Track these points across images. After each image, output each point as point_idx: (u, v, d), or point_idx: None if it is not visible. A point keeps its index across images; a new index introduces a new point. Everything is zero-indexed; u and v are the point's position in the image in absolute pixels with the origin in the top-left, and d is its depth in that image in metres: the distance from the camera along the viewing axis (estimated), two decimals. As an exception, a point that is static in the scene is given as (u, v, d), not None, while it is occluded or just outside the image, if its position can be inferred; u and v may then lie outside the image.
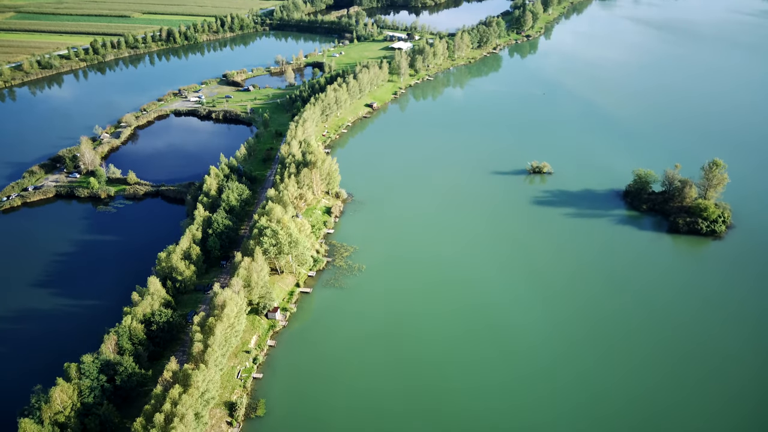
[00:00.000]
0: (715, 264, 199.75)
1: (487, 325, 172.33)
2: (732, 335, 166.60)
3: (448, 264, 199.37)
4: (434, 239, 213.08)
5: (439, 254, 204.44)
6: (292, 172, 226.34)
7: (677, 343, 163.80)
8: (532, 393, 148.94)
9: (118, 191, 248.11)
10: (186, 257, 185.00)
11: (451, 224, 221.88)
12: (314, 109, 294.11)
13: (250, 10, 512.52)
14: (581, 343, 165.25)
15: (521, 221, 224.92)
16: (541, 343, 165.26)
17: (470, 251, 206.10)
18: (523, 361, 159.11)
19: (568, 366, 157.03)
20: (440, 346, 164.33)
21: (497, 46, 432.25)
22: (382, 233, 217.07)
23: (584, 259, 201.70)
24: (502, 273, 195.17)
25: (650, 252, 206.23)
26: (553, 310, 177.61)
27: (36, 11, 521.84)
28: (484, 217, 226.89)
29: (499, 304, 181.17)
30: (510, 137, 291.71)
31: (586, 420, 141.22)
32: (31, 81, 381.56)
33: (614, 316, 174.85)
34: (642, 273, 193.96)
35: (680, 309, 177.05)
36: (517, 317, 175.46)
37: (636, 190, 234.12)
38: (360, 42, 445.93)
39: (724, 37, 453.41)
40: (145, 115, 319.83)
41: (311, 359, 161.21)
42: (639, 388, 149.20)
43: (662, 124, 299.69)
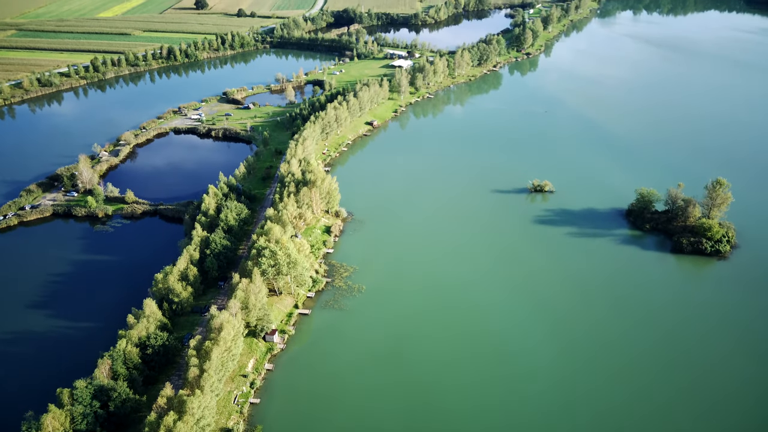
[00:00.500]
0: (720, 285, 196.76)
1: (488, 347, 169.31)
2: (740, 357, 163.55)
3: (449, 284, 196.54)
4: (435, 259, 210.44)
5: (440, 275, 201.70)
6: (291, 191, 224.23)
7: (684, 366, 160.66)
8: (535, 415, 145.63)
9: (115, 210, 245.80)
10: (183, 278, 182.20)
11: (452, 244, 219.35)
12: (314, 128, 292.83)
13: (250, 28, 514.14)
14: (584, 365, 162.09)
15: (523, 241, 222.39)
16: (543, 365, 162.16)
17: (471, 271, 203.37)
18: (525, 383, 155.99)
19: (571, 388, 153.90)
20: (441, 369, 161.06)
21: (497, 64, 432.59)
22: (382, 253, 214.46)
23: (587, 279, 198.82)
24: (503, 294, 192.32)
25: (654, 272, 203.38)
26: (556, 332, 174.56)
27: (37, 29, 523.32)
28: (485, 236, 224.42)
29: (501, 325, 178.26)
30: (511, 155, 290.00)
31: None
32: (30, 99, 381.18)
33: (618, 337, 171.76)
34: (646, 294, 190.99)
35: (686, 331, 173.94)
36: (520, 338, 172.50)
37: (639, 210, 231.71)
38: (360, 60, 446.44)
39: (724, 54, 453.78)
40: (144, 133, 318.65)
41: (310, 383, 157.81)
42: (644, 411, 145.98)
43: (664, 142, 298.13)
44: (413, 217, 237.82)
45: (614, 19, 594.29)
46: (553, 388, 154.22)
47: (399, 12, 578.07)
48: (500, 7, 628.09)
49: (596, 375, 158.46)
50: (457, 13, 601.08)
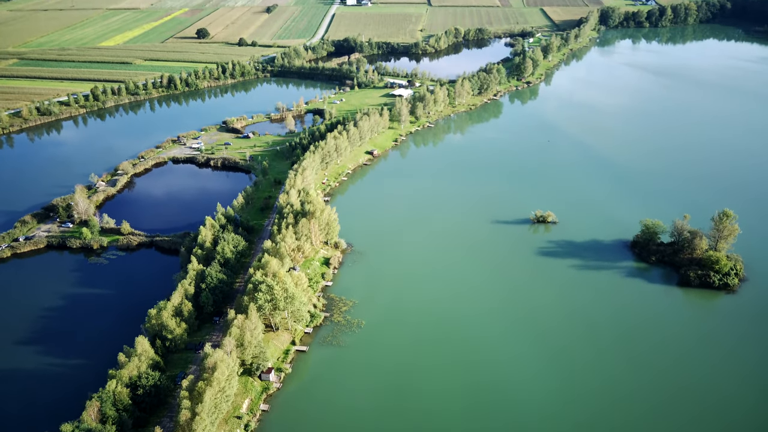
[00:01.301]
0: (729, 319, 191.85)
1: (491, 383, 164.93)
2: (749, 393, 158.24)
3: (450, 319, 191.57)
4: (436, 292, 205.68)
5: (441, 309, 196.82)
6: (290, 222, 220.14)
7: (691, 402, 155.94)
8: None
9: (111, 242, 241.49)
10: (177, 314, 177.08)
11: (454, 276, 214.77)
12: (314, 157, 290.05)
13: (251, 57, 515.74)
14: (589, 400, 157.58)
15: (526, 273, 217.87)
16: (547, 399, 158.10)
17: (473, 305, 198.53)
18: (529, 418, 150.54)
19: (576, 423, 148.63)
20: (442, 406, 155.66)
21: (498, 93, 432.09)
22: (382, 286, 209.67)
23: (592, 313, 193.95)
24: (506, 328, 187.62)
25: (661, 306, 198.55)
26: (559, 366, 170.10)
27: (39, 58, 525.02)
28: (487, 269, 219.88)
29: (503, 361, 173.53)
30: (512, 185, 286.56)
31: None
32: (29, 128, 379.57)
33: (624, 373, 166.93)
34: (654, 328, 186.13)
35: (694, 367, 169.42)
36: (523, 374, 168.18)
37: (644, 241, 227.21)
38: (361, 89, 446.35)
39: (724, 83, 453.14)
40: (142, 162, 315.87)
41: (307, 425, 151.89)
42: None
43: (667, 172, 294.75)
44: (414, 249, 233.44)
45: (614, 48, 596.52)
46: (557, 423, 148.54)
47: (399, 41, 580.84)
48: (500, 36, 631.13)
49: (601, 410, 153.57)
50: (457, 42, 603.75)
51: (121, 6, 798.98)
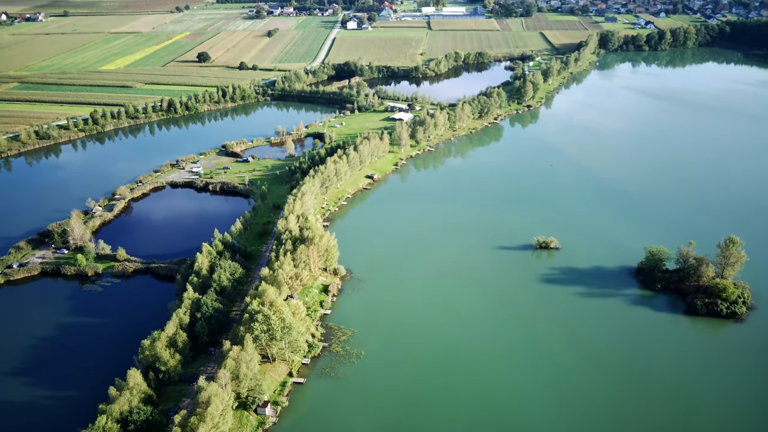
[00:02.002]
0: (737, 349, 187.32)
1: (495, 414, 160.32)
2: (758, 425, 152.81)
3: (451, 349, 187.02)
4: (437, 320, 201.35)
5: (442, 337, 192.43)
6: (288, 249, 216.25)
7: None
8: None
9: (106, 268, 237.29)
10: (171, 344, 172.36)
11: (455, 304, 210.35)
12: (313, 182, 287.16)
13: (252, 81, 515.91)
14: (593, 429, 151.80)
15: (529, 301, 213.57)
16: (550, 429, 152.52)
17: (475, 334, 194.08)
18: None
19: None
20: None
21: (498, 116, 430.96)
22: (381, 314, 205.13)
23: (597, 342, 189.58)
24: (509, 358, 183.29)
25: (668, 335, 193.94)
26: (563, 398, 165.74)
27: (39, 81, 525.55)
28: (489, 296, 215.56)
29: (507, 392, 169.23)
30: (514, 209, 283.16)
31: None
32: (28, 151, 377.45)
33: (629, 403, 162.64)
34: (660, 357, 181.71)
35: (701, 397, 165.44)
36: (527, 405, 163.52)
37: (649, 268, 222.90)
38: (361, 112, 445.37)
39: (726, 107, 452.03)
40: (140, 187, 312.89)
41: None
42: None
43: (671, 197, 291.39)
44: (414, 275, 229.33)
45: (613, 72, 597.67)
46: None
47: (400, 65, 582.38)
48: (500, 60, 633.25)
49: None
50: (457, 66, 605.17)
51: (123, 30, 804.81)
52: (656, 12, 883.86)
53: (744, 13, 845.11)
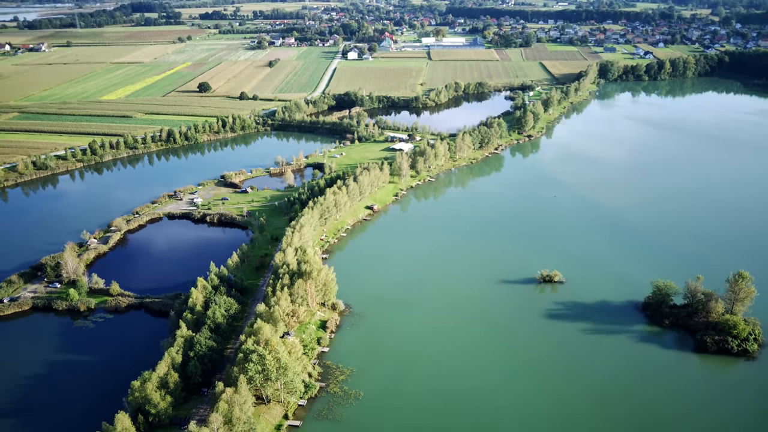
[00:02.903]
0: (749, 388, 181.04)
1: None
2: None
3: (454, 389, 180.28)
4: (438, 358, 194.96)
5: (443, 377, 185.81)
6: (285, 283, 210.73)
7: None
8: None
9: (99, 303, 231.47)
10: (163, 385, 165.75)
11: (457, 340, 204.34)
12: (312, 213, 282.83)
13: (252, 111, 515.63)
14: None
15: (533, 337, 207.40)
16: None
17: (478, 372, 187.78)
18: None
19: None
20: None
21: (499, 147, 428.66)
22: (381, 352, 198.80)
23: (603, 380, 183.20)
24: (513, 398, 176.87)
25: (677, 373, 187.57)
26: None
27: (39, 111, 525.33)
28: (492, 332, 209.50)
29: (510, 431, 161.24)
30: (517, 241, 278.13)
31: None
32: (25, 182, 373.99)
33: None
34: (669, 397, 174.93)
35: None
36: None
37: (656, 303, 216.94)
38: (361, 142, 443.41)
39: (728, 136, 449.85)
40: (137, 218, 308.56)
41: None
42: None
43: (676, 230, 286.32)
44: (414, 309, 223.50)
45: (613, 101, 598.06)
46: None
47: (400, 95, 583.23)
48: (500, 90, 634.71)
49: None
50: (457, 96, 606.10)
51: (125, 60, 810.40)
52: (655, 42, 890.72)
53: (742, 44, 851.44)
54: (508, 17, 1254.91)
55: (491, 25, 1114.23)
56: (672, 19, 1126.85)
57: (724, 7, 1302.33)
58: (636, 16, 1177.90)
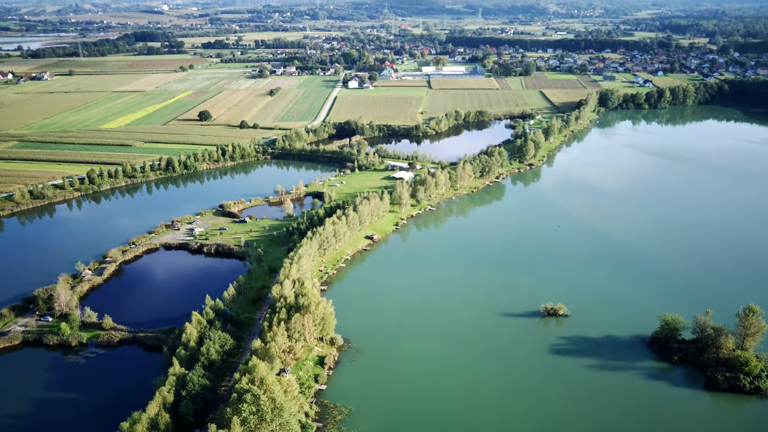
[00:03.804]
0: (764, 428, 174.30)
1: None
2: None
3: (456, 427, 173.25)
4: (439, 396, 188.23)
5: (445, 415, 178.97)
6: (282, 318, 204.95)
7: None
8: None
9: (91, 337, 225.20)
10: (153, 427, 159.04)
11: (459, 378, 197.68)
12: (311, 244, 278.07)
13: (252, 140, 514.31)
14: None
15: (537, 373, 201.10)
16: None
17: (482, 411, 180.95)
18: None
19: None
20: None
21: (500, 175, 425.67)
22: (380, 389, 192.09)
23: (611, 419, 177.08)
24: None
25: (688, 412, 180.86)
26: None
27: (39, 140, 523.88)
28: (496, 369, 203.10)
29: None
30: (519, 273, 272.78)
31: None
32: (21, 211, 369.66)
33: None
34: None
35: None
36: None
37: (664, 338, 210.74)
38: (361, 171, 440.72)
39: (731, 165, 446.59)
40: (133, 249, 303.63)
41: None
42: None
43: (682, 261, 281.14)
44: (415, 345, 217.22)
45: (614, 130, 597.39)
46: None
47: (400, 123, 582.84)
48: (500, 118, 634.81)
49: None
50: (457, 124, 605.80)
51: (127, 89, 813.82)
52: (654, 71, 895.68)
53: (741, 72, 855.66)
54: (508, 46, 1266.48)
55: (491, 54, 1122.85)
56: (670, 47, 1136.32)
57: (721, 36, 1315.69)
58: (634, 45, 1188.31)
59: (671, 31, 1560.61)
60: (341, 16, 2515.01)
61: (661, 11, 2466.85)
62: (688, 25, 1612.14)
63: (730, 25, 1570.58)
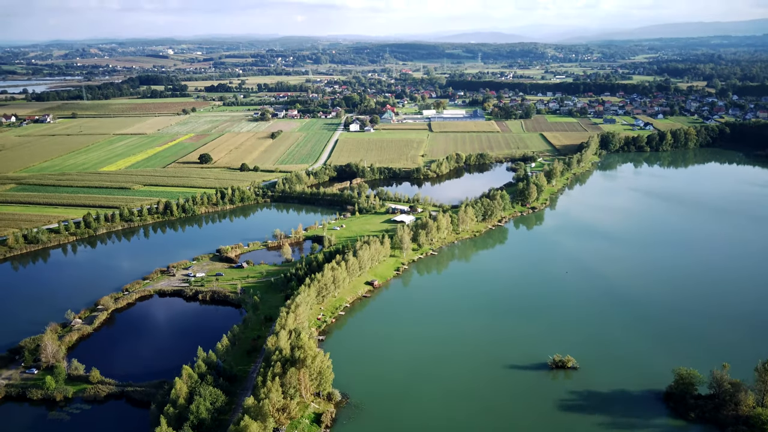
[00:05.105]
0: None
1: None
2: None
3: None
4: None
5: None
6: (276, 372, 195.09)
7: None
8: None
9: (77, 392, 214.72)
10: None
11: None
12: (309, 291, 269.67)
13: (252, 182, 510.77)
14: None
15: (546, 429, 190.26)
16: None
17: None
18: None
19: None
20: None
21: (503, 219, 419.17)
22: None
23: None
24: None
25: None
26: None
27: (37, 183, 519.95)
28: (502, 424, 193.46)
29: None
30: (525, 321, 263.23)
31: None
32: (14, 256, 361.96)
33: None
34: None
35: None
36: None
37: (679, 393, 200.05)
38: (362, 214, 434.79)
39: (737, 209, 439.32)
40: (126, 296, 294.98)
41: None
42: None
43: (695, 311, 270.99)
44: (417, 400, 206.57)
45: (616, 173, 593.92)
46: None
47: (401, 166, 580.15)
48: (501, 161, 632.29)
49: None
50: (458, 167, 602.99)
51: (128, 131, 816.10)
52: (654, 113, 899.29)
53: (741, 115, 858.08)
54: (507, 89, 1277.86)
55: (491, 97, 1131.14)
56: (669, 91, 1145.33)
57: (719, 79, 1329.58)
58: (633, 89, 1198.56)
59: (669, 74, 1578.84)
60: (343, 61, 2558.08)
61: (657, 55, 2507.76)
62: (685, 69, 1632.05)
63: (726, 68, 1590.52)
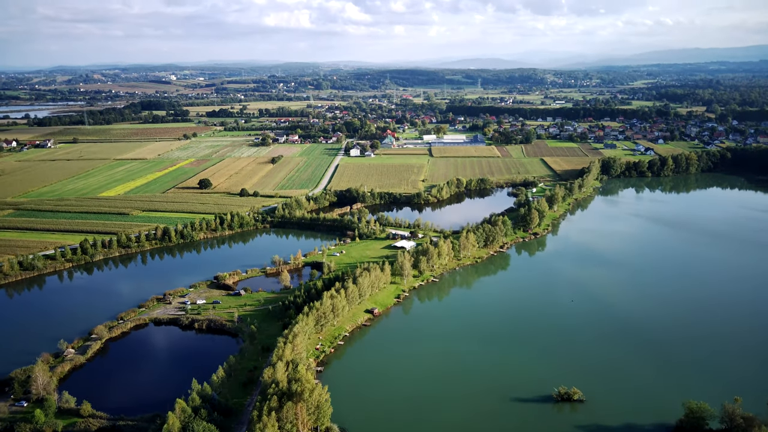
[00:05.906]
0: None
1: None
2: None
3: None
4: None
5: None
6: (273, 406, 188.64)
7: None
8: None
9: (67, 426, 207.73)
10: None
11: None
12: (307, 320, 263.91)
13: (251, 208, 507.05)
14: None
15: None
16: None
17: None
18: None
19: None
20: None
21: (504, 245, 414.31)
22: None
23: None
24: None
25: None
26: None
27: (35, 208, 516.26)
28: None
29: None
30: (529, 351, 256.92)
31: None
32: (9, 284, 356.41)
33: None
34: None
35: None
36: None
37: (690, 428, 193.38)
38: (362, 240, 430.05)
39: (741, 235, 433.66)
40: (120, 325, 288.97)
41: None
42: None
43: (704, 341, 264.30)
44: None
45: (618, 198, 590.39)
46: None
47: (401, 191, 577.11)
48: (502, 186, 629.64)
49: None
50: (459, 192, 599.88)
51: (128, 156, 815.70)
52: (654, 138, 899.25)
53: (741, 140, 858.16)
54: (507, 115, 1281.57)
55: (491, 122, 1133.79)
56: (669, 116, 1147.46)
57: (718, 104, 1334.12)
58: (633, 114, 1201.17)
59: (668, 99, 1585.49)
60: (344, 86, 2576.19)
61: (656, 81, 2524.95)
62: (684, 94, 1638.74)
63: (725, 93, 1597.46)
